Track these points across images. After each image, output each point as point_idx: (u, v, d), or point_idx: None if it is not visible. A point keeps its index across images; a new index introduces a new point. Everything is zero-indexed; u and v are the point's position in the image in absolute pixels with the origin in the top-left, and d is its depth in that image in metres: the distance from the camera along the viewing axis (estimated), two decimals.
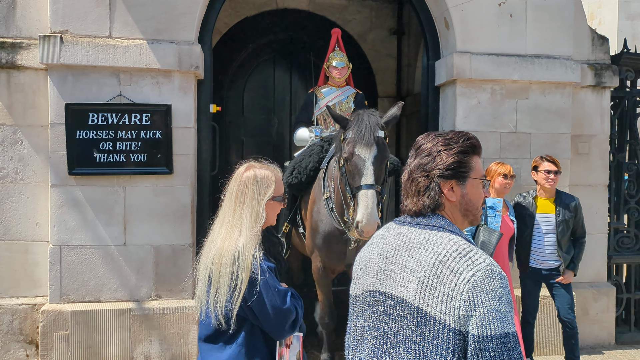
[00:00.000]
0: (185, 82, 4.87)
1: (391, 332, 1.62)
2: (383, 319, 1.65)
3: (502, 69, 5.24)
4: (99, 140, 4.71)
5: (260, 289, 2.07)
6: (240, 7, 7.70)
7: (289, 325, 2.16)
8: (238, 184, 2.23)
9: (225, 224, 2.20)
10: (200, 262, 2.21)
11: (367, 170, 3.68)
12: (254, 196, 2.20)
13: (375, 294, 1.69)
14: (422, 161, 1.71)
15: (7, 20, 4.87)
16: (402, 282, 1.61)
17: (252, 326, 2.15)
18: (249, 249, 2.10)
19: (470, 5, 5.22)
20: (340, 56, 5.48)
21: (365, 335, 1.71)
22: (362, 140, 3.72)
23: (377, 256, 1.72)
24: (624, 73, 5.87)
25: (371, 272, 1.72)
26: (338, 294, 5.12)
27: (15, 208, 4.87)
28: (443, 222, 1.66)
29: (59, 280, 4.73)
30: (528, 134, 5.35)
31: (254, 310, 2.10)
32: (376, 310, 1.68)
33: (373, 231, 3.65)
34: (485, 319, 1.46)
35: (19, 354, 4.84)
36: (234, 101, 7.87)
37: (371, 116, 3.82)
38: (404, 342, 1.58)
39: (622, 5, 14.61)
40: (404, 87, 8.12)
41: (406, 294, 1.59)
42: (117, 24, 4.75)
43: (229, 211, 2.21)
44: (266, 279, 2.10)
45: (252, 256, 2.09)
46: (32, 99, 4.87)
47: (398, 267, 1.64)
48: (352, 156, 3.75)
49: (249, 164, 2.30)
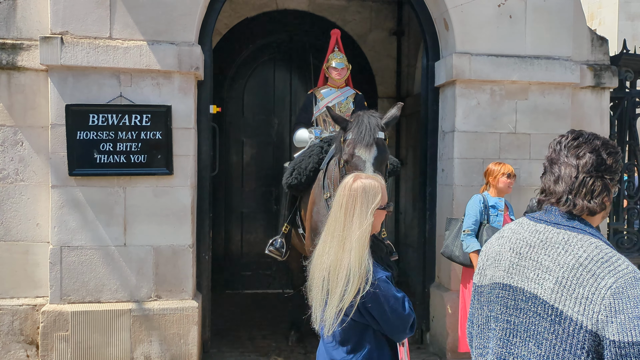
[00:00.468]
0: (186, 83, 4.88)
1: (521, 326, 1.66)
2: (513, 312, 1.69)
3: (502, 69, 5.25)
4: (100, 141, 4.72)
5: (380, 298, 2.17)
6: (240, 8, 7.71)
7: (408, 328, 2.30)
8: (347, 195, 2.28)
9: (335, 235, 2.26)
10: (315, 274, 2.29)
11: (367, 171, 3.70)
12: (362, 206, 2.25)
13: (505, 287, 1.73)
14: (597, 161, 1.69)
15: (7, 22, 4.88)
16: (536, 279, 1.64)
17: (374, 331, 2.27)
18: (363, 259, 2.18)
19: (470, 6, 5.23)
20: (339, 57, 5.48)
21: (492, 325, 1.76)
22: (362, 142, 3.73)
23: (510, 250, 1.75)
24: (623, 74, 5.88)
25: (501, 265, 1.75)
26: None
27: (16, 209, 4.88)
28: (582, 225, 1.67)
29: (59, 280, 4.73)
30: (527, 134, 5.36)
31: (376, 318, 2.22)
32: (506, 303, 1.72)
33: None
34: (627, 326, 1.48)
35: (20, 354, 4.85)
36: (234, 102, 7.88)
37: (371, 117, 3.84)
38: (535, 337, 1.62)
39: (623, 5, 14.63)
40: (404, 88, 8.12)
41: (541, 292, 1.62)
42: (118, 25, 4.76)
43: (338, 223, 2.26)
44: (385, 287, 2.19)
45: (366, 267, 2.18)
46: (33, 100, 4.88)
47: (532, 264, 1.67)
48: (352, 157, 3.76)
49: (356, 175, 2.36)
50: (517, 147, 5.33)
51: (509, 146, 5.30)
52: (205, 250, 5.18)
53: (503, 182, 4.58)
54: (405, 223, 8.03)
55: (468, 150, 5.25)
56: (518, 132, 5.35)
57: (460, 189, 5.21)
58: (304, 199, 4.81)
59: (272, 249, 4.96)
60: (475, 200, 4.63)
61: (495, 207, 4.60)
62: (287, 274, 7.05)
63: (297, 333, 5.71)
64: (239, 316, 6.67)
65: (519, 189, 5.19)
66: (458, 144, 5.25)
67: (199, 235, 5.12)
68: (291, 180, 4.75)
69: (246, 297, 7.55)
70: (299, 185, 4.76)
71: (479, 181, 5.17)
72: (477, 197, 4.69)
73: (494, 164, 4.73)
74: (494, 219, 4.57)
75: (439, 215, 5.57)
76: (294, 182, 4.74)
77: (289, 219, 5.03)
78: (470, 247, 4.52)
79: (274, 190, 7.62)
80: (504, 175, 4.57)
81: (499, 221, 4.57)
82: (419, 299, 5.74)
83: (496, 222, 4.57)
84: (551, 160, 1.76)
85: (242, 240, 7.97)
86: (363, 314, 2.21)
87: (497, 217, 4.58)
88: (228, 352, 5.43)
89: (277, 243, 4.95)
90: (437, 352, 5.45)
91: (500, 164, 4.69)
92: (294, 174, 4.75)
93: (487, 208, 4.59)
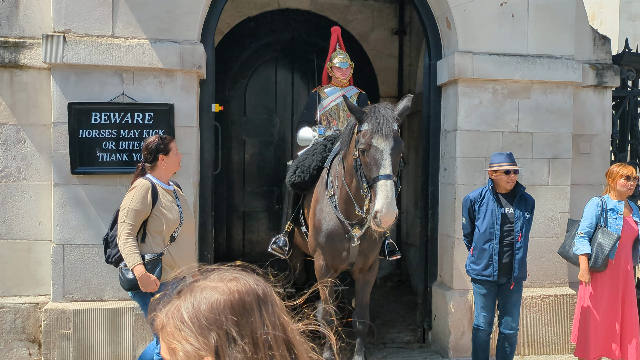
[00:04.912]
0: (188, 82, 4.88)
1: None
2: None
3: (504, 68, 5.25)
4: (102, 140, 4.72)
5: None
6: (242, 7, 7.71)
7: None
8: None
9: None
10: None
11: (385, 161, 3.70)
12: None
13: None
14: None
15: (10, 20, 4.88)
16: None
17: None
18: None
19: (472, 5, 5.23)
20: (342, 56, 5.47)
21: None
22: (380, 132, 3.75)
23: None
24: (625, 73, 5.88)
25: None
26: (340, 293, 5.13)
27: (18, 207, 4.88)
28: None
29: (61, 279, 4.73)
30: (529, 133, 5.36)
31: None
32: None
33: (391, 222, 3.66)
34: None
35: (22, 352, 4.85)
36: (236, 101, 7.88)
37: (387, 109, 3.86)
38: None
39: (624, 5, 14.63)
40: (406, 87, 8.12)
41: None
42: (120, 23, 4.77)
43: None
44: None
45: None
46: (35, 98, 4.88)
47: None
48: (369, 147, 3.77)
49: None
50: (519, 146, 5.33)
51: (511, 145, 5.29)
52: (208, 249, 5.18)
53: (621, 184, 4.45)
54: (407, 222, 8.03)
55: (470, 149, 5.25)
56: (520, 131, 5.35)
57: (462, 188, 5.20)
58: (307, 198, 4.81)
59: (275, 247, 4.96)
60: (593, 204, 4.55)
61: (614, 211, 4.47)
62: (289, 272, 7.04)
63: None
64: None
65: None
66: (460, 143, 5.25)
67: (201, 234, 5.11)
68: (295, 179, 4.75)
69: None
70: (303, 184, 4.76)
71: (481, 180, 5.17)
72: (595, 200, 4.58)
73: (616, 165, 4.60)
74: (612, 222, 4.45)
75: (441, 214, 5.57)
76: (297, 180, 4.74)
77: (292, 217, 5.02)
78: (580, 250, 4.46)
79: (275, 190, 7.63)
80: (623, 177, 4.44)
81: (618, 225, 4.44)
82: (421, 297, 5.74)
83: (614, 225, 4.45)
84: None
85: (243, 239, 7.98)
86: None
87: (615, 221, 4.45)
88: None
89: (280, 241, 4.95)
90: (439, 351, 5.45)
91: (622, 165, 4.57)
92: (297, 172, 4.75)
93: (605, 211, 4.48)
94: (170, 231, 3.77)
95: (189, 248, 4.01)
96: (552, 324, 5.36)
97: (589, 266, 4.44)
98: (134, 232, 3.68)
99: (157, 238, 3.75)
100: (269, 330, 1.12)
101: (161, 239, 3.76)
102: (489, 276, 4.29)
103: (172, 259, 3.76)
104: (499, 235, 4.27)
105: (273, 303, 1.18)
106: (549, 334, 5.37)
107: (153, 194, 3.72)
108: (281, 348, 1.12)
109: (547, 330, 5.36)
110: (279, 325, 1.14)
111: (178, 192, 4.00)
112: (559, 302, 5.36)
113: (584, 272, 4.46)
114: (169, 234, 3.76)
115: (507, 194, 4.36)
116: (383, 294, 7.58)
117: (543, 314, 5.33)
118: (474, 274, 4.37)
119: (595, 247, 4.41)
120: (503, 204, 4.33)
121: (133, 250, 3.64)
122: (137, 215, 3.68)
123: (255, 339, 1.10)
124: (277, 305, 1.18)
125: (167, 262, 3.74)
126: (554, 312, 5.36)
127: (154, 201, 3.72)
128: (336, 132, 5.07)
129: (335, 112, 5.39)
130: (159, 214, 3.73)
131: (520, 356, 5.30)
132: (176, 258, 3.77)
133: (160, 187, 3.81)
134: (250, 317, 1.11)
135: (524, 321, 5.28)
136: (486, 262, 4.29)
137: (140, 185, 3.76)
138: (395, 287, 8.07)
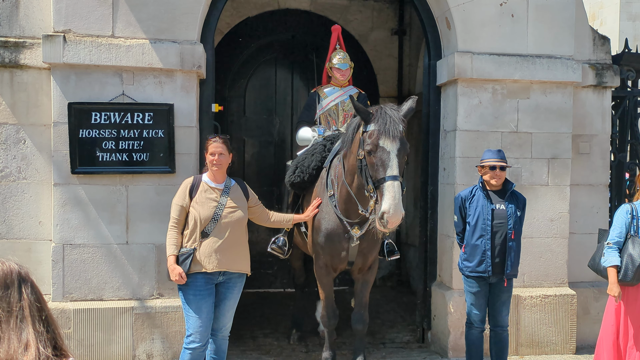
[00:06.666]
0: (188, 82, 4.88)
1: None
2: None
3: (504, 68, 5.25)
4: (102, 139, 4.73)
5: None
6: (241, 7, 7.72)
7: None
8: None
9: None
10: None
11: (392, 162, 3.70)
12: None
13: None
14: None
15: (10, 20, 4.88)
16: None
17: None
18: None
19: (472, 5, 5.23)
20: (342, 56, 5.46)
21: None
22: (387, 133, 3.75)
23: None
24: (625, 73, 5.88)
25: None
26: (339, 293, 5.14)
27: (18, 207, 4.89)
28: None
29: (61, 278, 4.74)
30: (529, 133, 5.36)
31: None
32: None
33: (398, 222, 3.67)
34: None
35: None
36: (236, 101, 7.89)
37: (393, 110, 3.87)
38: None
39: (624, 6, 14.64)
40: (405, 87, 8.13)
41: None
42: (120, 23, 4.77)
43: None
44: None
45: None
46: (35, 98, 4.89)
47: None
48: (376, 148, 3.77)
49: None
50: (519, 146, 5.34)
51: (510, 145, 5.30)
52: None
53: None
54: (407, 222, 8.02)
55: (470, 149, 5.25)
56: (520, 131, 5.35)
57: (461, 188, 5.18)
58: (307, 198, 4.81)
59: (275, 247, 4.96)
60: (622, 211, 4.19)
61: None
62: (288, 272, 7.05)
63: (298, 332, 5.72)
64: (241, 314, 6.63)
65: (520, 188, 5.15)
66: (460, 143, 5.25)
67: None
68: (294, 178, 4.75)
69: (247, 296, 7.53)
70: (302, 184, 4.76)
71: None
72: (625, 207, 4.22)
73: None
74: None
75: (440, 214, 5.57)
76: (296, 180, 4.74)
77: None
78: (608, 262, 4.09)
79: (275, 190, 7.62)
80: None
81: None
82: (420, 297, 5.75)
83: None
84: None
85: None
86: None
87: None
88: (229, 350, 5.41)
89: (280, 241, 4.95)
90: (438, 351, 5.45)
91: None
92: (296, 172, 4.75)
93: (636, 219, 4.11)
94: (201, 227, 3.90)
95: (234, 247, 4.05)
96: (551, 324, 5.36)
97: (619, 279, 4.05)
98: (177, 224, 3.96)
99: (195, 232, 3.92)
100: (25, 304, 1.55)
101: (195, 233, 3.91)
102: (484, 272, 4.28)
103: (201, 253, 3.88)
104: (490, 230, 4.25)
105: (33, 284, 1.60)
106: (548, 334, 5.37)
107: (191, 189, 3.97)
108: (36, 321, 1.56)
109: (547, 330, 5.37)
110: (35, 302, 1.57)
111: (235, 191, 4.07)
112: (558, 302, 5.36)
113: (612, 286, 4.05)
114: (200, 229, 3.90)
115: (497, 191, 4.35)
116: (382, 294, 7.59)
117: (543, 314, 5.33)
118: (468, 271, 4.36)
119: (625, 259, 4.04)
120: (493, 200, 4.31)
121: (170, 242, 3.94)
122: (178, 209, 3.96)
123: (10, 308, 1.53)
124: (36, 287, 1.62)
125: (198, 256, 3.89)
126: (554, 312, 5.36)
127: (191, 197, 3.95)
128: (336, 132, 5.06)
129: (334, 112, 5.39)
130: (192, 209, 3.93)
131: (520, 356, 5.31)
132: (207, 253, 3.88)
133: (205, 184, 4.00)
134: (8, 290, 1.55)
135: (524, 321, 5.30)
136: (479, 259, 4.28)
137: (184, 182, 4.09)
138: (395, 287, 8.07)
